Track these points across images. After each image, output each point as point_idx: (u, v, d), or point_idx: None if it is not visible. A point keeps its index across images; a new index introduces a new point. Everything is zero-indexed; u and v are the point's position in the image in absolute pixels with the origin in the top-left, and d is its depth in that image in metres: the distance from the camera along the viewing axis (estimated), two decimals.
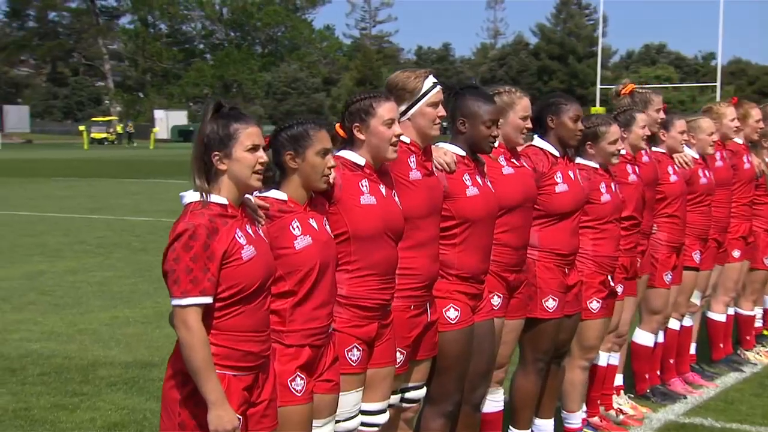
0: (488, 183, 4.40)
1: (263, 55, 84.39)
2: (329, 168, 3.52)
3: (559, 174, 4.80)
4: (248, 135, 3.13)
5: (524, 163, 4.73)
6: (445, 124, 4.28)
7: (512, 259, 4.56)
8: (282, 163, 3.48)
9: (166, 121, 68.84)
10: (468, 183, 4.26)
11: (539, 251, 4.75)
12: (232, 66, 79.88)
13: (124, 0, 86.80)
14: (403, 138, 4.03)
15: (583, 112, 5.06)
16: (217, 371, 3.02)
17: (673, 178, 5.99)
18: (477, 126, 4.28)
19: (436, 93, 4.08)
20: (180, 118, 70.94)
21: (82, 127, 59.45)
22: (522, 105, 4.61)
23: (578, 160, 5.10)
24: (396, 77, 4.11)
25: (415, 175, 4.03)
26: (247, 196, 3.34)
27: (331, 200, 3.70)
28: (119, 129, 66.86)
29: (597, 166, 5.11)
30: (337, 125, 3.84)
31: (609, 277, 5.15)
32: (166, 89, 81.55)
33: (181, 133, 65.23)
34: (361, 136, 3.80)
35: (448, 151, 4.28)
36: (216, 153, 3.10)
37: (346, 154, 3.81)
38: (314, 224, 3.50)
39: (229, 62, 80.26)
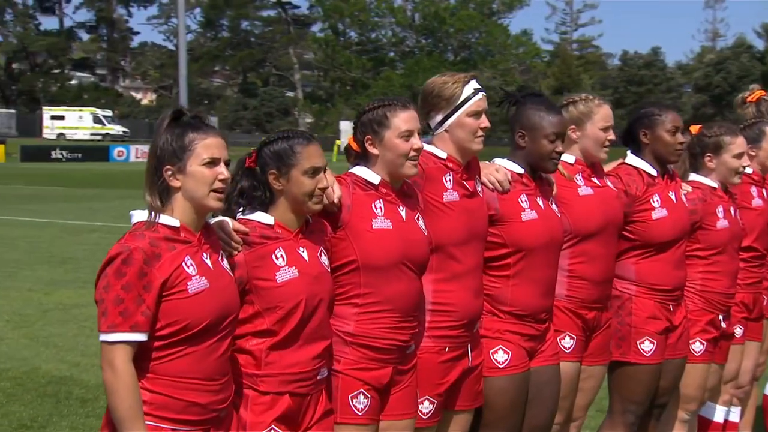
0: (553, 206, 4.09)
1: (454, 62, 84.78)
2: (321, 189, 3.27)
3: (656, 197, 4.44)
4: (206, 147, 2.89)
5: (608, 183, 4.40)
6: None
7: (591, 295, 4.22)
8: (266, 183, 3.26)
9: (352, 132, 70.29)
10: (525, 205, 3.97)
11: (636, 286, 4.40)
12: (421, 74, 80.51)
13: (316, 8, 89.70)
14: (438, 152, 3.79)
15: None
16: (151, 423, 2.78)
17: None
18: (538, 140, 3.98)
19: (478, 101, 3.80)
20: None
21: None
22: (602, 114, 4.29)
23: (693, 176, 4.73)
24: (431, 83, 3.87)
25: (451, 195, 3.76)
26: (225, 218, 3.15)
27: (338, 224, 3.45)
28: None
29: (716, 185, 4.72)
30: (350, 138, 3.62)
31: (720, 317, 4.71)
32: (354, 99, 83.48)
33: None
34: (375, 151, 3.55)
35: (500, 168, 4.01)
36: (168, 167, 2.88)
37: (359, 170, 3.59)
38: (304, 254, 3.26)
39: (418, 70, 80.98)
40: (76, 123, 71.49)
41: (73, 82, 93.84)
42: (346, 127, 72.96)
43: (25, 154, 52.92)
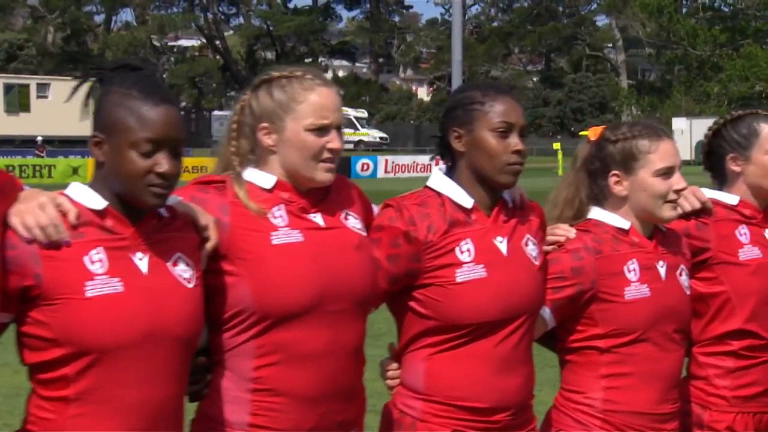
0: (177, 271, 3.39)
1: None
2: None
3: (467, 244, 3.81)
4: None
5: (349, 222, 3.74)
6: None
7: (294, 420, 3.53)
8: None
9: (689, 133, 67.95)
10: (98, 269, 3.17)
11: (424, 401, 3.83)
12: None
13: None
14: None
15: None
16: None
17: None
18: (121, 150, 3.19)
19: None
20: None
21: (557, 145, 61.13)
22: (311, 102, 3.57)
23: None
24: None
25: None
26: None
27: None
28: None
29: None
30: None
31: None
32: (700, 86, 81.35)
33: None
34: None
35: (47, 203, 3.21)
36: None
37: None
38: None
39: None
40: None
41: (328, 74, 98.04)
42: (680, 125, 71.02)
43: None
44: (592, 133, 4.22)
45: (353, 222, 3.68)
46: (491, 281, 3.75)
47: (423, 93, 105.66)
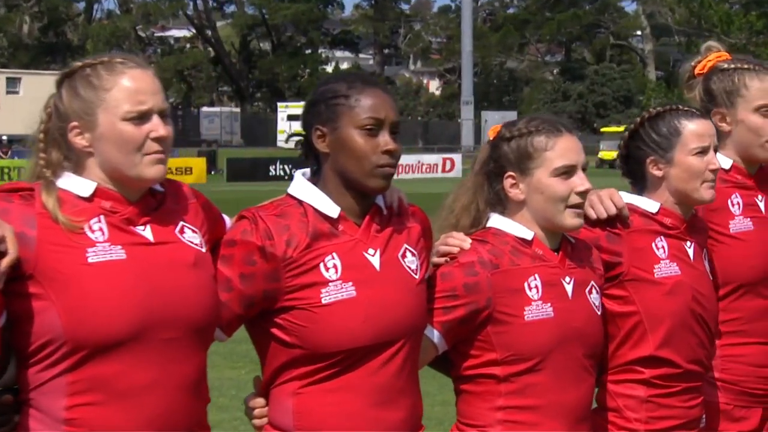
0: None
1: None
2: None
3: (333, 260, 3.71)
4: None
5: (185, 237, 3.63)
6: None
7: None
8: None
9: None
10: None
11: None
12: None
13: None
14: None
15: None
16: None
17: None
18: None
19: None
20: None
21: None
22: (125, 90, 3.43)
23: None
24: None
25: None
26: None
27: None
28: None
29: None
30: None
31: None
32: None
33: None
34: None
35: None
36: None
37: None
38: None
39: None
40: None
41: (328, 67, 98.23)
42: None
43: (234, 170, 55.46)
44: (492, 131, 4.14)
45: (191, 236, 3.54)
46: (362, 301, 3.65)
47: (434, 86, 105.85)
